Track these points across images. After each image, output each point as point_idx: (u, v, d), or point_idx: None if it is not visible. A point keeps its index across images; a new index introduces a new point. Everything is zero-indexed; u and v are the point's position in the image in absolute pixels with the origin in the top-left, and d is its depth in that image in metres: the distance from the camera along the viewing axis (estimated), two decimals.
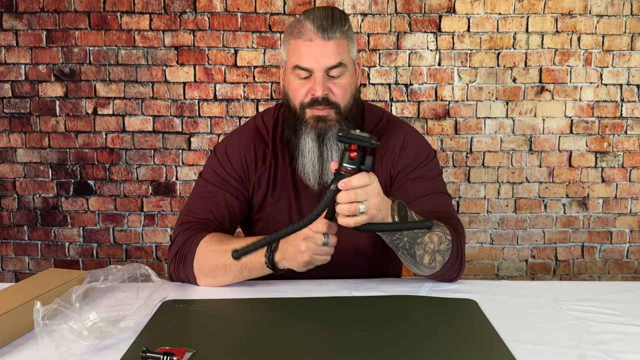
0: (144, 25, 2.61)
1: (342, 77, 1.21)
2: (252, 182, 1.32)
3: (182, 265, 1.22)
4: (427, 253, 1.13)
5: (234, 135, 1.38)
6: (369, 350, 0.89)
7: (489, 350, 0.90)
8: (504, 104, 2.68)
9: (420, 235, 1.11)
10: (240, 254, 1.02)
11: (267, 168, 1.31)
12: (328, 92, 1.20)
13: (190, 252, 1.21)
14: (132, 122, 2.67)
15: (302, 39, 1.19)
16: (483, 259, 2.76)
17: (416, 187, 1.27)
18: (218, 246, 1.19)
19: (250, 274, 1.17)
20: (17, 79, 2.64)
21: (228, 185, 1.30)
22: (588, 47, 2.64)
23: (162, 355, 0.83)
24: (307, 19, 1.19)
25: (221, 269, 1.17)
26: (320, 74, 1.18)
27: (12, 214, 2.72)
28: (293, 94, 1.23)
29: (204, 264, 1.19)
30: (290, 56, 1.22)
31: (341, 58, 1.19)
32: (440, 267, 1.16)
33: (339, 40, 1.19)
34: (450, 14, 2.62)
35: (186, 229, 1.25)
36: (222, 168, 1.31)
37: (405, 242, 1.11)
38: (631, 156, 2.71)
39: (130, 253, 2.74)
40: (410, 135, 1.34)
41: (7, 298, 1.00)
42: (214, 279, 1.20)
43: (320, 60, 1.18)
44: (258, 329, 0.98)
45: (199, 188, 1.33)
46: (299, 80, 1.21)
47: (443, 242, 1.14)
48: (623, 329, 0.99)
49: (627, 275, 2.77)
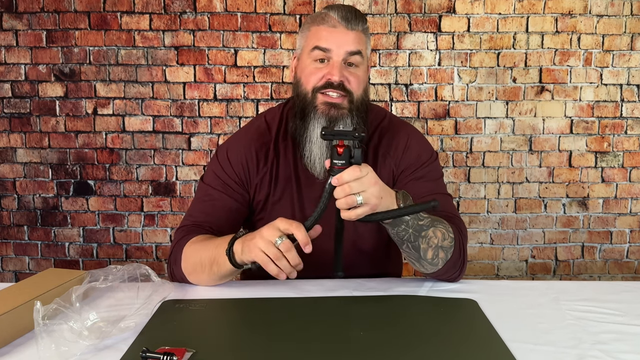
0: (144, 25, 2.61)
1: (358, 69, 1.23)
2: (254, 184, 1.32)
3: (175, 265, 1.23)
4: (430, 248, 1.13)
5: (236, 138, 1.38)
6: (369, 350, 0.89)
7: (489, 350, 0.90)
8: (504, 104, 2.68)
9: (425, 228, 1.11)
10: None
11: (269, 167, 1.31)
12: (344, 79, 1.20)
13: (179, 253, 1.22)
14: (132, 122, 2.67)
15: (325, 25, 1.21)
16: (483, 259, 2.76)
17: (418, 187, 1.28)
18: (199, 244, 1.19)
19: (218, 268, 1.14)
20: (17, 79, 2.64)
21: (229, 188, 1.30)
22: (588, 47, 2.64)
23: (162, 355, 0.83)
24: (331, 10, 1.22)
25: (198, 265, 1.18)
26: (339, 59, 1.20)
27: (12, 214, 2.72)
28: (306, 78, 1.23)
29: (188, 263, 1.20)
30: (309, 40, 1.23)
31: (361, 48, 1.22)
32: (442, 265, 1.16)
33: (360, 34, 1.22)
34: (450, 14, 2.62)
35: (182, 232, 1.27)
36: (224, 171, 1.31)
37: (410, 234, 1.11)
38: (631, 156, 2.71)
39: (130, 253, 2.74)
40: (413, 136, 1.35)
41: (7, 298, 0.99)
42: (196, 277, 1.20)
43: (341, 45, 1.19)
44: (258, 329, 0.98)
45: (200, 193, 1.34)
46: (314, 64, 1.22)
47: (446, 238, 1.15)
48: (623, 329, 0.99)
49: (627, 275, 2.77)
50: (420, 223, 1.11)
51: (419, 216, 1.11)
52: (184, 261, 1.21)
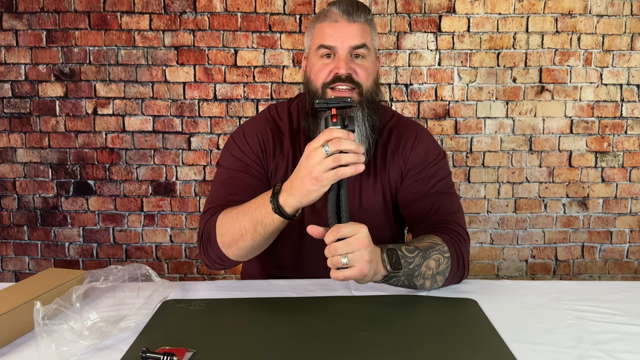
0: (144, 25, 2.61)
1: (365, 60, 1.23)
2: (270, 168, 1.30)
3: (209, 244, 1.18)
4: (427, 279, 1.13)
5: (250, 123, 1.36)
6: (369, 350, 0.89)
7: (489, 350, 0.90)
8: (504, 104, 2.68)
9: (417, 268, 1.10)
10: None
11: (285, 158, 1.30)
12: (352, 72, 1.20)
13: (212, 229, 1.17)
14: (132, 122, 2.67)
15: (327, 21, 1.22)
16: (483, 259, 2.76)
17: (424, 187, 1.28)
18: (232, 213, 1.14)
19: (264, 229, 1.08)
20: (17, 79, 2.64)
21: (249, 168, 1.28)
22: (588, 47, 2.64)
23: (162, 355, 0.83)
24: (333, 5, 1.23)
25: (238, 233, 1.12)
26: (344, 53, 1.20)
27: (12, 214, 2.72)
28: (315, 75, 1.23)
29: (225, 235, 1.14)
30: (314, 38, 1.25)
31: (365, 40, 1.21)
32: (442, 284, 1.17)
33: (363, 25, 1.22)
34: (450, 14, 2.62)
35: (209, 214, 1.22)
36: (242, 152, 1.30)
37: (402, 281, 1.10)
38: (631, 156, 2.71)
39: (130, 253, 2.74)
40: (421, 134, 1.35)
41: (7, 298, 1.00)
42: (236, 248, 1.14)
43: (344, 40, 1.20)
44: (258, 329, 0.98)
45: (220, 178, 1.30)
46: (322, 61, 1.22)
47: (441, 263, 1.13)
48: (623, 329, 0.99)
49: (627, 275, 2.77)
50: (410, 267, 1.09)
51: (407, 260, 1.08)
52: (220, 236, 1.15)
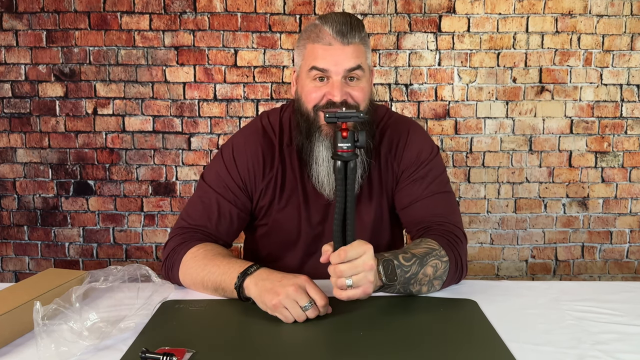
0: (144, 25, 2.61)
1: (360, 81, 1.18)
2: (259, 189, 1.28)
3: (171, 272, 1.21)
4: (424, 285, 1.12)
5: (241, 137, 1.32)
6: (369, 350, 0.89)
7: (489, 350, 0.90)
8: (504, 104, 2.68)
9: (413, 276, 1.09)
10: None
11: (275, 173, 1.27)
12: (347, 97, 1.16)
13: (177, 261, 1.19)
14: (132, 122, 2.67)
15: (320, 43, 1.15)
16: (483, 259, 2.76)
17: (418, 189, 1.26)
18: (201, 261, 1.16)
19: (224, 293, 1.11)
20: (17, 79, 2.64)
21: (231, 194, 1.26)
22: (588, 47, 2.64)
23: (161, 355, 0.83)
24: (325, 23, 1.15)
25: (199, 284, 1.15)
26: (338, 78, 1.15)
27: (12, 214, 2.72)
28: (306, 97, 1.19)
29: (186, 276, 1.17)
30: (306, 59, 1.19)
31: (360, 61, 1.16)
32: (440, 287, 1.16)
33: (357, 46, 1.16)
34: (450, 14, 2.62)
35: (180, 234, 1.23)
36: (228, 173, 1.27)
37: (398, 289, 1.10)
38: (631, 156, 2.71)
39: (130, 253, 2.74)
40: (413, 132, 1.32)
41: (7, 298, 0.99)
42: (196, 290, 1.17)
43: (339, 64, 1.14)
44: (258, 329, 0.98)
45: (199, 191, 1.29)
46: (314, 83, 1.17)
47: (439, 268, 1.13)
48: (623, 329, 0.99)
49: (627, 275, 2.77)
50: (407, 276, 1.08)
51: (403, 269, 1.08)
52: (182, 274, 1.18)
